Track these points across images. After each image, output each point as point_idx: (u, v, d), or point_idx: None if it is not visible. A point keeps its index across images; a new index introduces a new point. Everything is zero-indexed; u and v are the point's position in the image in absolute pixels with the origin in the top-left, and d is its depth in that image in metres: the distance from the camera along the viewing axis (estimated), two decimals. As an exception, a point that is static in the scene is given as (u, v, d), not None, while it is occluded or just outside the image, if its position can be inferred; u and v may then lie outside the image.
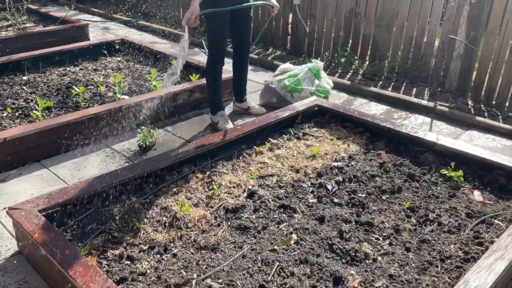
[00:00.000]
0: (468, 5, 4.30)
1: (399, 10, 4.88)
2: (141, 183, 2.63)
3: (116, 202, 2.49)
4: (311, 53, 5.71)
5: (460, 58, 4.47)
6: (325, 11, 5.44)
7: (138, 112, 3.65)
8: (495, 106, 4.30)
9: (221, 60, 3.63)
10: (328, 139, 3.31)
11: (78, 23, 5.82)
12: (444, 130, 3.83)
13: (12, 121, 3.50)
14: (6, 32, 5.59)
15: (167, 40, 6.42)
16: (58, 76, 4.41)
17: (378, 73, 5.05)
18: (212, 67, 3.66)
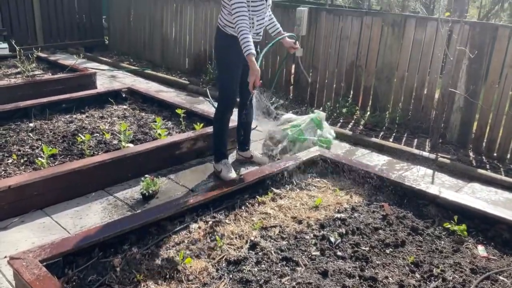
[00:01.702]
0: (467, 59, 4.43)
1: (399, 63, 5.01)
2: (142, 233, 2.62)
3: (117, 253, 2.47)
4: (313, 102, 5.82)
5: (460, 111, 4.55)
6: (327, 63, 5.59)
7: (142, 160, 3.69)
8: (496, 158, 4.33)
9: (229, 111, 3.69)
10: (331, 189, 3.32)
11: (86, 72, 5.97)
12: (446, 182, 3.84)
13: (17, 168, 3.52)
14: (15, 79, 5.72)
15: (172, 88, 6.55)
16: (64, 123, 4.48)
17: (379, 124, 5.12)
18: (220, 117, 3.72)
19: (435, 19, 4.65)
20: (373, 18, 5.13)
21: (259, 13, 3.39)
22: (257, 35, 3.52)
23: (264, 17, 3.48)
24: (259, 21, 3.44)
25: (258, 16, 3.40)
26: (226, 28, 3.44)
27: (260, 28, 3.52)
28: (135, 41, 8.36)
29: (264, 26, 3.57)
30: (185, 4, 7.21)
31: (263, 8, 3.40)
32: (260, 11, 3.39)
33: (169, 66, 7.64)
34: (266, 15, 3.51)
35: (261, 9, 3.38)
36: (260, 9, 3.37)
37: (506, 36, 4.21)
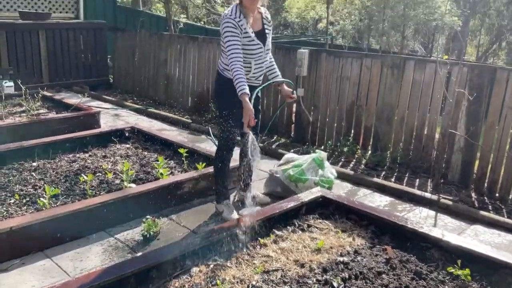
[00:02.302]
0: (466, 101, 4.49)
1: (399, 104, 5.07)
2: (143, 277, 2.60)
3: (118, 297, 2.45)
4: (315, 141, 5.86)
5: (461, 151, 4.58)
6: (328, 102, 5.67)
7: (144, 200, 3.69)
8: (498, 199, 4.32)
9: (230, 152, 3.73)
10: (333, 231, 3.30)
11: (90, 111, 6.05)
12: (449, 225, 3.82)
13: (19, 208, 3.53)
14: (20, 117, 5.80)
15: (175, 127, 6.62)
16: (67, 163, 4.51)
17: (381, 163, 5.14)
18: (221, 157, 3.74)
19: (434, 61, 4.74)
20: (373, 60, 5.24)
21: (257, 56, 3.45)
22: (255, 79, 3.57)
23: (263, 61, 3.54)
24: (257, 65, 3.49)
25: (256, 60, 3.46)
26: (225, 72, 3.50)
27: (259, 72, 3.56)
28: (139, 80, 8.51)
29: (263, 70, 3.61)
30: (189, 45, 7.38)
31: (261, 52, 3.46)
32: (258, 55, 3.45)
33: (172, 104, 7.74)
34: (265, 59, 3.56)
35: (259, 53, 3.44)
36: (257, 52, 3.43)
37: (504, 78, 4.28)
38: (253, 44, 3.39)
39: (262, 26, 3.50)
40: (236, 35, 3.27)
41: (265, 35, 3.50)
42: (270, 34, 3.57)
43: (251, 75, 3.51)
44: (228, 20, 3.28)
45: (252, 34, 3.38)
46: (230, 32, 3.26)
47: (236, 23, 3.27)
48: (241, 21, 3.30)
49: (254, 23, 3.42)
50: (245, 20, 3.32)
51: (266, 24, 3.54)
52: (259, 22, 3.48)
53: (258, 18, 3.47)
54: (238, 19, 3.29)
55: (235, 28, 3.27)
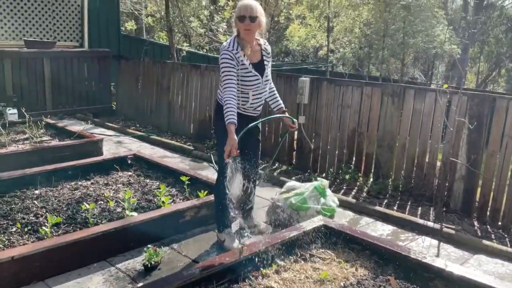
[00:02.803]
0: (466, 129, 4.51)
1: (400, 131, 5.10)
2: (145, 308, 2.58)
3: (118, 330, 2.42)
4: (316, 168, 5.87)
5: (463, 179, 4.58)
6: (329, 130, 5.71)
7: (146, 229, 3.69)
8: (501, 227, 4.30)
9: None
10: (336, 261, 3.28)
11: (93, 138, 6.09)
12: (452, 254, 3.80)
13: (21, 237, 3.52)
14: (23, 145, 5.83)
15: (177, 154, 6.65)
16: (69, 191, 4.51)
17: (383, 191, 5.13)
18: (221, 186, 3.75)
19: (434, 90, 4.79)
20: (373, 89, 5.30)
21: (254, 87, 3.48)
22: (253, 110, 3.59)
23: (261, 92, 3.56)
24: (255, 96, 3.52)
25: (254, 91, 3.49)
26: None
27: (257, 103, 3.58)
28: (142, 107, 8.59)
29: (261, 101, 3.62)
30: (191, 73, 7.48)
31: (259, 83, 3.49)
32: (255, 86, 3.48)
33: (175, 131, 7.79)
34: (264, 90, 3.59)
35: (256, 83, 3.48)
36: (255, 83, 3.47)
37: (504, 107, 4.32)
38: (250, 75, 3.44)
39: (261, 57, 3.55)
40: (232, 66, 3.33)
41: (263, 66, 3.54)
42: (269, 65, 3.61)
43: (249, 106, 3.55)
44: (225, 52, 3.36)
45: (249, 65, 3.43)
46: (226, 63, 3.33)
47: (232, 55, 3.34)
48: (238, 53, 3.36)
49: (252, 55, 3.48)
50: (242, 52, 3.39)
51: (265, 55, 3.58)
52: (258, 53, 3.53)
53: (257, 49, 3.52)
54: (235, 51, 3.35)
55: (231, 59, 3.33)
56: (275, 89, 3.83)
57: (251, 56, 3.47)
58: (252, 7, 3.34)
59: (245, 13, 3.31)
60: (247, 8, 3.33)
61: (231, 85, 3.29)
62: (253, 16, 3.33)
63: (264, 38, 3.67)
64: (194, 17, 9.28)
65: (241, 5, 3.36)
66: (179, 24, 9.12)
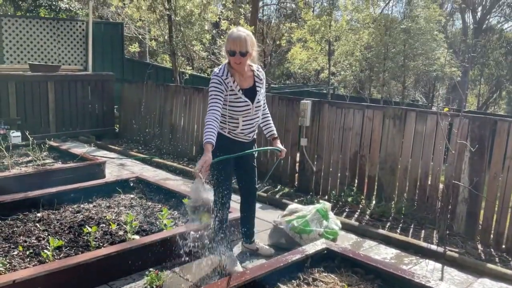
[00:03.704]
0: (468, 152, 4.52)
1: (402, 154, 5.11)
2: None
3: None
4: (318, 191, 5.86)
5: (466, 202, 4.57)
6: (331, 152, 5.72)
7: (148, 252, 3.67)
8: (505, 250, 4.26)
9: (226, 204, 3.71)
10: (339, 285, 3.25)
11: (95, 161, 6.11)
12: (456, 278, 3.76)
13: (22, 260, 3.51)
14: (26, 167, 5.85)
15: (179, 176, 6.65)
16: (71, 213, 4.51)
17: (386, 214, 5.12)
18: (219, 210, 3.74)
19: (435, 113, 4.82)
20: (374, 111, 5.33)
21: (244, 113, 3.48)
22: (244, 136, 3.59)
23: (253, 118, 3.55)
24: (245, 122, 3.52)
25: (244, 116, 3.49)
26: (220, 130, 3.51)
27: (248, 129, 3.57)
28: (144, 129, 8.64)
29: (253, 128, 3.62)
30: (194, 96, 7.55)
31: (249, 108, 3.48)
32: (245, 112, 3.48)
33: (177, 154, 7.82)
34: (256, 115, 3.58)
35: (246, 109, 3.47)
36: (244, 110, 3.47)
37: (505, 130, 4.34)
38: (240, 101, 3.45)
39: (253, 83, 3.55)
40: (219, 91, 3.35)
41: (255, 92, 3.54)
42: (261, 91, 3.60)
43: (239, 131, 3.56)
44: (214, 77, 3.40)
45: (239, 92, 3.44)
46: (214, 88, 3.37)
47: (222, 80, 3.38)
48: (228, 79, 3.39)
49: (244, 81, 3.50)
50: (232, 78, 3.41)
51: (258, 81, 3.58)
52: (250, 79, 3.54)
53: (250, 75, 3.54)
54: (224, 77, 3.39)
55: (219, 84, 3.37)
56: (269, 115, 3.85)
57: (242, 82, 3.48)
58: (242, 41, 3.30)
59: (235, 48, 3.31)
60: (237, 42, 3.30)
61: (214, 107, 3.31)
62: (243, 52, 3.32)
63: (259, 63, 3.70)
64: (197, 41, 9.40)
65: (231, 38, 3.32)
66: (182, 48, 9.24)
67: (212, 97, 3.35)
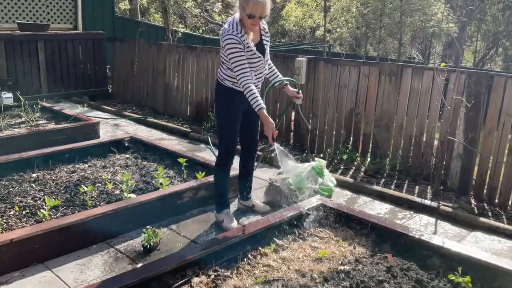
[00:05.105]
0: (464, 107, 4.51)
1: (397, 111, 5.09)
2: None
3: (119, 309, 2.44)
4: (314, 149, 5.86)
5: (460, 158, 4.59)
6: (326, 110, 5.69)
7: (144, 211, 3.69)
8: (498, 205, 4.32)
9: (230, 160, 3.73)
10: (334, 240, 3.30)
11: (89, 121, 6.06)
12: (449, 232, 3.82)
13: (19, 220, 3.52)
14: (19, 129, 5.80)
15: (174, 136, 6.63)
16: (67, 174, 4.51)
17: (380, 171, 5.15)
18: (221, 166, 3.75)
19: (431, 69, 4.77)
20: (370, 68, 5.27)
21: (257, 68, 3.50)
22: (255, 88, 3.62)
23: (262, 71, 3.59)
24: (257, 75, 3.55)
25: (257, 71, 3.51)
26: (225, 82, 3.53)
27: (258, 82, 3.62)
28: (138, 89, 8.53)
29: (262, 80, 3.66)
30: (187, 55, 7.41)
31: (261, 63, 3.50)
32: (258, 67, 3.50)
33: (171, 114, 7.76)
34: (264, 69, 3.62)
35: (259, 64, 3.49)
36: (258, 65, 3.48)
37: (502, 85, 4.31)
38: (254, 57, 3.43)
39: (260, 37, 3.53)
40: (241, 51, 3.31)
41: (263, 46, 3.54)
42: (268, 44, 3.61)
43: None
44: (230, 36, 3.30)
45: (254, 47, 3.41)
46: (235, 49, 3.29)
47: (239, 39, 3.30)
48: (243, 36, 3.33)
49: (254, 36, 3.46)
50: (246, 35, 3.36)
51: (264, 35, 3.57)
52: (257, 34, 3.51)
53: (256, 30, 3.49)
54: (240, 35, 3.32)
55: (239, 43, 3.30)
56: (273, 65, 3.84)
57: (253, 38, 3.45)
58: (264, 6, 3.23)
59: (257, 13, 3.23)
60: (259, 7, 3.21)
61: (245, 72, 3.29)
62: (264, 16, 3.30)
63: None
64: (189, -2, 9.16)
65: (254, 2, 3.20)
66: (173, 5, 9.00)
67: (237, 59, 3.29)
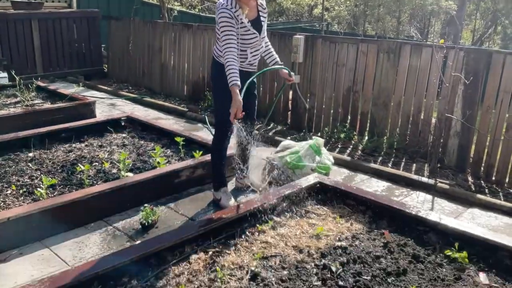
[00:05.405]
0: (462, 85, 4.48)
1: (395, 89, 5.06)
2: (142, 265, 2.60)
3: (117, 286, 2.45)
4: (311, 128, 5.85)
5: (458, 136, 4.58)
6: (324, 89, 5.65)
7: (142, 189, 3.69)
8: (495, 182, 4.34)
9: (226, 138, 3.71)
10: (331, 217, 3.31)
11: (85, 100, 6.01)
12: (446, 208, 3.84)
13: (16, 199, 3.52)
14: (14, 109, 5.76)
15: (171, 115, 6.59)
16: (63, 153, 4.49)
17: (378, 149, 5.15)
18: (218, 145, 3.73)
19: (430, 46, 4.72)
20: (369, 45, 5.22)
21: (253, 45, 3.46)
22: (251, 66, 3.59)
23: (258, 49, 3.55)
24: (253, 53, 3.51)
25: (252, 48, 3.47)
26: (220, 59, 3.49)
27: (255, 60, 3.58)
28: (134, 69, 8.45)
29: (258, 57, 3.62)
30: (183, 33, 7.32)
31: (257, 40, 3.46)
32: (254, 44, 3.46)
33: (168, 93, 7.70)
34: (261, 46, 3.57)
35: (255, 41, 3.45)
36: (253, 41, 3.44)
37: (500, 62, 4.28)
38: (249, 33, 3.39)
39: (257, 14, 3.48)
40: (232, 26, 3.26)
41: (260, 23, 3.48)
42: (265, 21, 3.56)
43: (247, 63, 3.53)
44: (224, 10, 3.26)
45: (248, 24, 3.36)
46: (226, 23, 3.25)
47: (232, 14, 3.26)
48: (237, 11, 3.28)
49: (249, 12, 3.40)
50: (241, 10, 3.30)
51: (262, 11, 3.51)
52: (254, 10, 3.45)
53: (253, 6, 3.44)
54: (234, 10, 3.27)
55: (231, 18, 3.25)
56: (270, 44, 3.79)
57: (249, 14, 3.40)
58: None
59: None
60: None
61: (231, 46, 3.25)
62: None
63: None
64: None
65: None
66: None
67: (226, 33, 3.25)
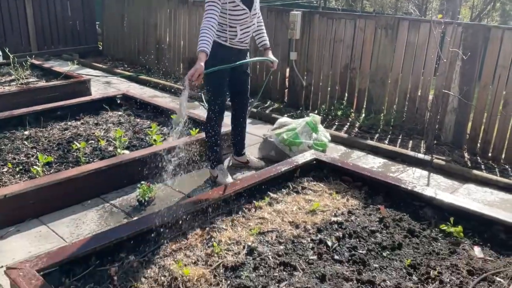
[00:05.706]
0: (460, 61, 4.45)
1: (393, 65, 5.03)
2: (139, 241, 2.62)
3: (114, 261, 2.46)
4: (308, 106, 5.83)
5: (455, 112, 4.58)
6: (321, 66, 5.61)
7: (138, 166, 3.68)
8: (491, 158, 4.35)
9: (220, 115, 3.70)
10: (327, 193, 3.32)
11: (80, 78, 5.96)
12: (442, 184, 3.86)
13: (13, 177, 3.51)
14: (9, 87, 5.70)
15: (167, 94, 6.55)
16: (59, 131, 4.47)
17: (374, 126, 5.14)
18: (212, 122, 3.72)
19: (428, 21, 4.67)
20: (366, 21, 5.16)
21: (243, 21, 3.43)
22: (241, 43, 3.55)
23: (249, 26, 3.51)
24: (243, 30, 3.48)
25: (242, 25, 3.44)
26: None
27: (246, 37, 3.55)
28: (129, 46, 8.36)
29: (250, 35, 3.59)
30: (179, 9, 7.22)
31: (247, 17, 3.42)
32: (243, 20, 3.42)
33: (164, 71, 7.64)
34: (252, 23, 3.53)
35: (244, 18, 3.42)
36: (243, 18, 3.41)
37: (499, 37, 4.24)
38: (238, 9, 3.35)
39: None
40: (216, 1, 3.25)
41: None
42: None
43: (237, 40, 3.50)
44: None
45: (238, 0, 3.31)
46: None
47: None
48: None
49: None
50: None
51: None
52: None
53: None
54: None
55: None
56: (262, 24, 3.77)
57: None
58: None
59: None
60: None
61: (211, 15, 3.24)
62: None
63: None
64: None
65: None
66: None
67: (210, 7, 3.24)
